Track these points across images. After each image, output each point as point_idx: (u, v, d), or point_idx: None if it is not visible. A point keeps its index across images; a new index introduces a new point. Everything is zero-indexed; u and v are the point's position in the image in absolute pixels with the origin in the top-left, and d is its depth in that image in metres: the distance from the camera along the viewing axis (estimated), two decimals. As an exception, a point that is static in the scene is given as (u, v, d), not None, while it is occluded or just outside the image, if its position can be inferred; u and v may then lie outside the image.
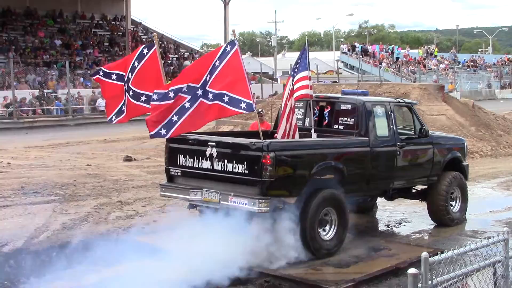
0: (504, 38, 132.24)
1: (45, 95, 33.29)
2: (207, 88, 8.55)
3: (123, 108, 9.66)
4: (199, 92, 8.57)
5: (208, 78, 8.58)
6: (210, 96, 8.54)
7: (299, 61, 9.77)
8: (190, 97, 8.55)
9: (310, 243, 8.61)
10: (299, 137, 9.63)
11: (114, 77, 9.70)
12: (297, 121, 10.14)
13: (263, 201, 8.17)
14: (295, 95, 9.58)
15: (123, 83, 9.63)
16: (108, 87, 9.79)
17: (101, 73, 9.83)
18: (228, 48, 8.73)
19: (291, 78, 9.72)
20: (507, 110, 33.49)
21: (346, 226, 9.07)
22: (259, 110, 11.94)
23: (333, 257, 8.80)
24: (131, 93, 9.54)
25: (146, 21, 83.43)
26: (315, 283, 7.79)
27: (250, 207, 8.21)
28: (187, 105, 8.54)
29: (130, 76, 9.56)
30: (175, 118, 8.53)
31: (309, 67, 9.70)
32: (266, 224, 8.45)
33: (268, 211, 8.24)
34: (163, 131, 8.58)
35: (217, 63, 8.62)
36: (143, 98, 9.47)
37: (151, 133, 8.67)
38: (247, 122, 21.36)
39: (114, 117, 9.73)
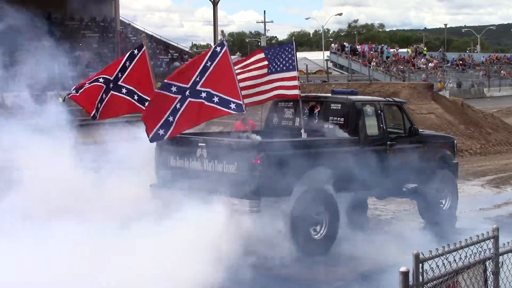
0: (492, 37, 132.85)
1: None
2: (197, 88, 8.57)
3: (99, 106, 9.80)
4: (187, 92, 8.59)
5: (198, 78, 8.60)
6: (203, 94, 8.55)
7: (278, 56, 9.63)
8: (180, 97, 8.59)
9: (301, 243, 8.62)
10: (290, 138, 9.65)
11: (101, 80, 9.81)
12: (287, 121, 10.19)
13: (254, 201, 8.17)
14: (285, 92, 9.57)
15: (106, 85, 9.75)
16: (92, 88, 9.86)
17: (86, 84, 9.92)
18: (218, 49, 8.74)
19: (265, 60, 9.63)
20: (495, 108, 33.65)
21: (337, 225, 9.08)
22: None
23: (324, 256, 8.81)
24: (124, 91, 9.65)
25: (135, 22, 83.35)
26: (307, 282, 7.79)
27: (241, 208, 8.21)
28: (178, 105, 8.57)
29: (120, 75, 9.67)
30: (170, 118, 8.59)
31: (297, 67, 9.70)
32: (257, 223, 8.44)
33: (259, 211, 8.24)
34: (161, 132, 8.62)
35: (208, 64, 8.64)
36: (136, 97, 9.66)
37: (150, 136, 8.71)
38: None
39: (96, 114, 9.89)
